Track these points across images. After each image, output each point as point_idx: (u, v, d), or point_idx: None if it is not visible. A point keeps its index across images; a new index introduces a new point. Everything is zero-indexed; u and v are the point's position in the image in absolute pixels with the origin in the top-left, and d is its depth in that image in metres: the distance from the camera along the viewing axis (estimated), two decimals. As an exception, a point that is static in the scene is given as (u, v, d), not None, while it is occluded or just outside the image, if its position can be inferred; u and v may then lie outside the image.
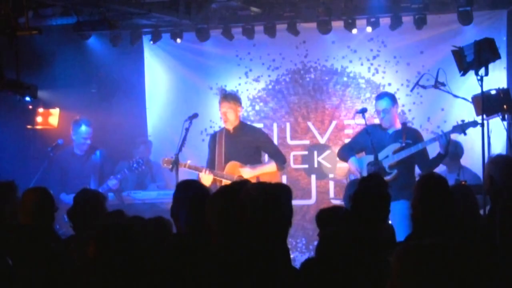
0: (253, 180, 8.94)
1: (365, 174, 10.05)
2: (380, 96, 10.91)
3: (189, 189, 6.05)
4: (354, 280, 4.52)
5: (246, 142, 10.67)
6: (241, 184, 5.94)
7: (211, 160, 10.71)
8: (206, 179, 10.50)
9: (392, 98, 10.62)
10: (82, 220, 6.91)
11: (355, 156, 10.53)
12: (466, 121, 10.25)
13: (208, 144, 10.93)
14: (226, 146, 10.61)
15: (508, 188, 7.53)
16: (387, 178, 10.07)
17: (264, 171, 10.55)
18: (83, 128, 11.77)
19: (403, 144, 10.25)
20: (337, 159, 13.08)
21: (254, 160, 10.72)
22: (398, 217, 9.87)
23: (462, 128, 10.09)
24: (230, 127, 10.77)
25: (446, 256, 3.07)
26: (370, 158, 10.29)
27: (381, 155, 10.24)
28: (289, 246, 5.10)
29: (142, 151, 12.88)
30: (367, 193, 6.66)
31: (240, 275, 4.42)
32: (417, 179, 8.50)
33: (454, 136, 10.63)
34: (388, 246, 6.03)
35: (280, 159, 10.86)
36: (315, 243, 5.51)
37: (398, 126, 10.52)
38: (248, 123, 11.78)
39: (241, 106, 11.00)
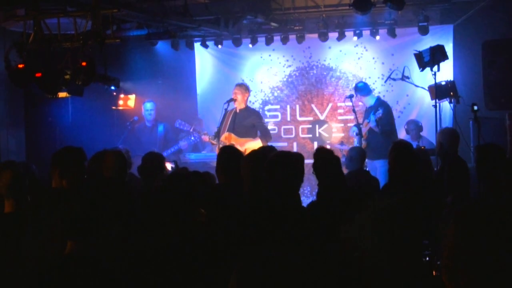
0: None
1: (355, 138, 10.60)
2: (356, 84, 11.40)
3: (228, 152, 6.09)
4: (343, 215, 4.56)
5: (245, 120, 10.46)
6: (269, 149, 5.97)
7: (219, 129, 10.47)
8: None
9: (356, 89, 11.05)
10: (149, 174, 6.84)
11: (354, 125, 10.72)
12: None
13: (221, 116, 10.64)
14: (231, 121, 10.46)
15: (452, 151, 7.55)
16: (364, 143, 10.38)
17: (250, 144, 10.12)
18: (148, 104, 11.91)
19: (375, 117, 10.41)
20: (333, 130, 13.22)
21: (249, 134, 10.46)
22: (378, 172, 9.98)
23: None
24: (238, 107, 10.59)
25: (409, 203, 3.10)
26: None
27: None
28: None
29: (198, 125, 12.95)
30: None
31: (264, 213, 4.46)
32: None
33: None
34: (373, 193, 6.08)
35: (265, 136, 10.52)
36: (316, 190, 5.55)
37: (372, 102, 10.81)
38: (252, 107, 11.59)
39: (248, 94, 10.79)
